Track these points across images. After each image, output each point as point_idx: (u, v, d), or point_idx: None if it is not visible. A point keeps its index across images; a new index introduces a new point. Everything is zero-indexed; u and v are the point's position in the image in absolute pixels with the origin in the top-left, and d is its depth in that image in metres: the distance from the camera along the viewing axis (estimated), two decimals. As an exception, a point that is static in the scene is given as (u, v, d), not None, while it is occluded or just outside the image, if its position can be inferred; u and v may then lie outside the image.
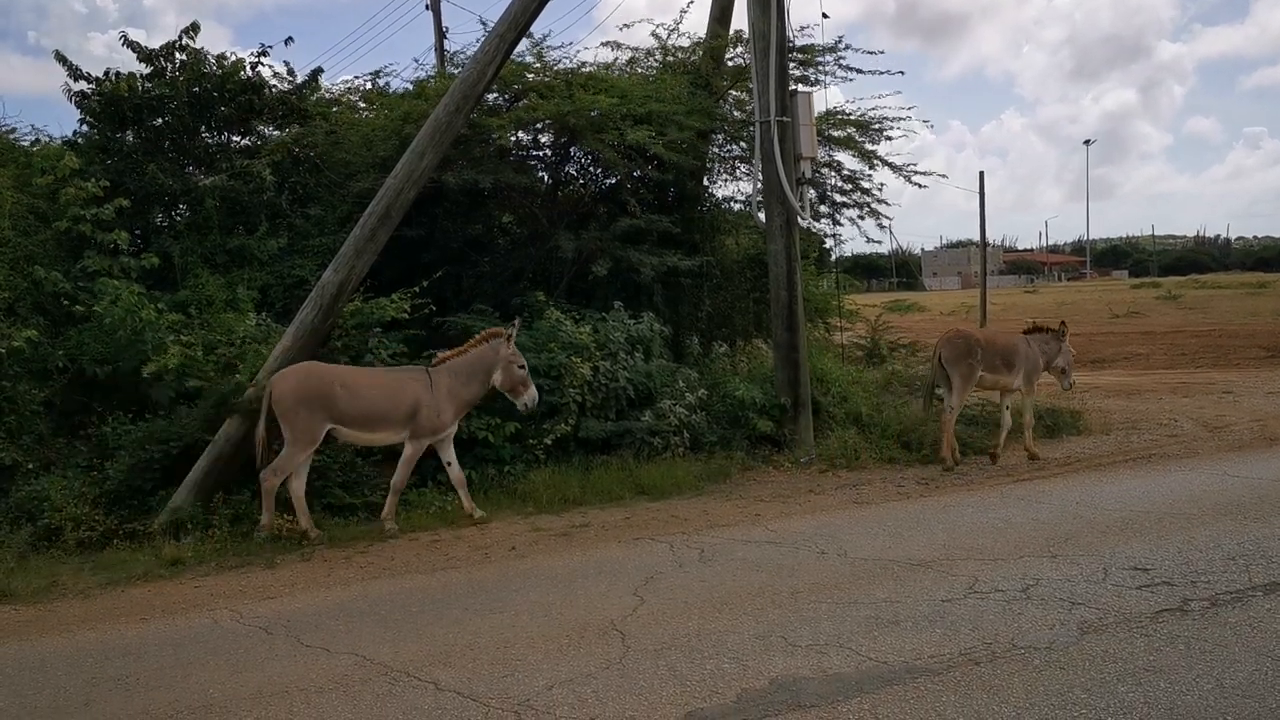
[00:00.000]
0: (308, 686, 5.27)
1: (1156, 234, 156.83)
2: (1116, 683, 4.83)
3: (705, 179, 14.47)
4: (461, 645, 5.81)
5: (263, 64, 12.28)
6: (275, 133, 12.87)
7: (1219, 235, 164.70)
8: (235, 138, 12.82)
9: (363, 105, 14.44)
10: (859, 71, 14.08)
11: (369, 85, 14.83)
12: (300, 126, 12.64)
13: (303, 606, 6.82)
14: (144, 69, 11.88)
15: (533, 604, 6.58)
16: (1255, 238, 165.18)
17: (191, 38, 11.87)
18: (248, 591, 7.23)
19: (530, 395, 9.27)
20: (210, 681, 5.43)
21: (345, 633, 6.17)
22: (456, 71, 12.90)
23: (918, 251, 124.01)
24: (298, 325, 9.32)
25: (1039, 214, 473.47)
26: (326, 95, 14.12)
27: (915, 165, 15.14)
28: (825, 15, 18.29)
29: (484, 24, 13.14)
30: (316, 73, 12.94)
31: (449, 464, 9.22)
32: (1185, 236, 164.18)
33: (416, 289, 10.28)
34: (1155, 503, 8.82)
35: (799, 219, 11.78)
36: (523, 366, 9.31)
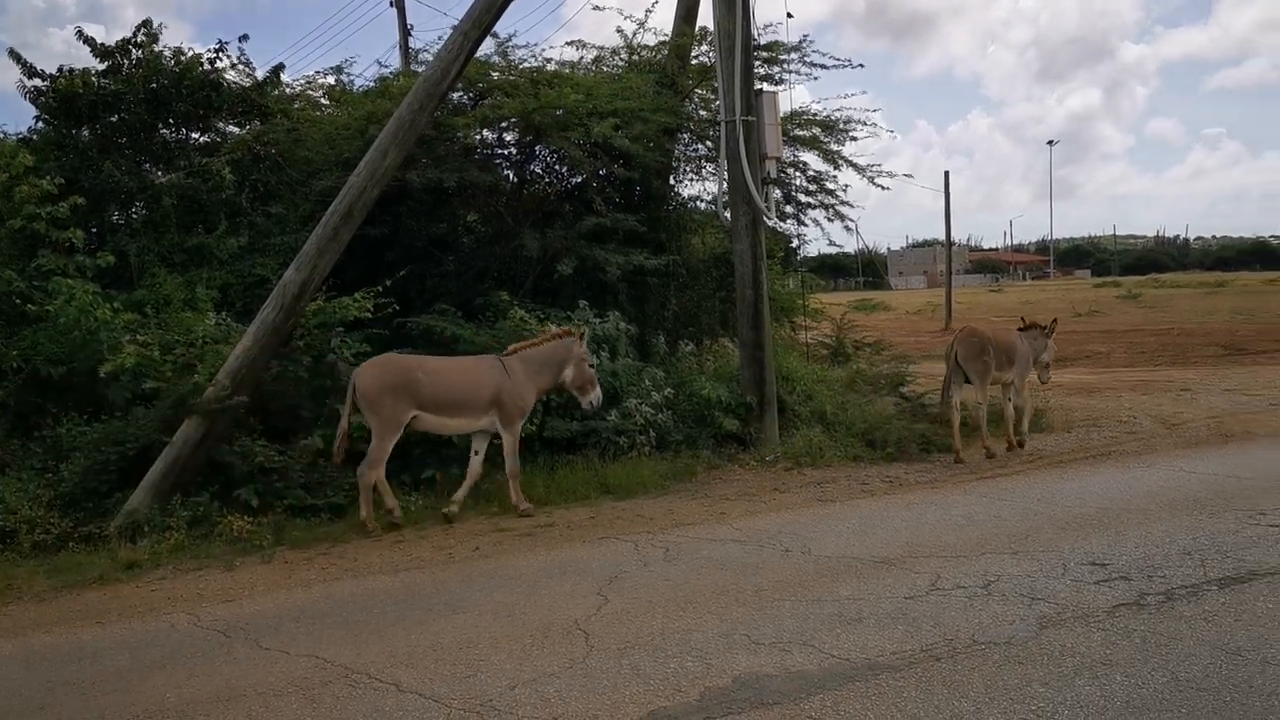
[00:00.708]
0: (266, 690, 5.19)
1: (1118, 234, 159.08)
2: (1074, 676, 4.86)
3: (671, 178, 14.45)
4: (424, 646, 5.76)
5: (221, 59, 12.14)
6: (235, 129, 12.72)
7: (1178, 235, 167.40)
8: (194, 135, 12.67)
9: (325, 102, 14.31)
10: (823, 68, 14.11)
11: (332, 82, 14.72)
12: (261, 123, 12.50)
13: (262, 609, 6.73)
14: (100, 65, 11.71)
15: (496, 604, 6.53)
16: (1213, 238, 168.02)
17: (148, 34, 11.71)
18: (206, 594, 7.13)
19: (596, 394, 9.64)
20: (167, 685, 5.34)
21: (305, 635, 6.09)
22: (421, 69, 12.80)
23: (884, 251, 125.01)
24: (259, 325, 9.21)
25: (1004, 214, 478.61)
26: (288, 92, 13.97)
27: (880, 166, 15.40)
28: (790, 15, 18.25)
29: (445, 18, 13.02)
30: (278, 69, 12.80)
31: (475, 453, 9.35)
32: (1146, 236, 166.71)
33: (380, 288, 10.19)
34: (1114, 499, 8.89)
35: (764, 218, 11.78)
36: (593, 366, 9.68)
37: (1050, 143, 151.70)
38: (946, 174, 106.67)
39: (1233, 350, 25.00)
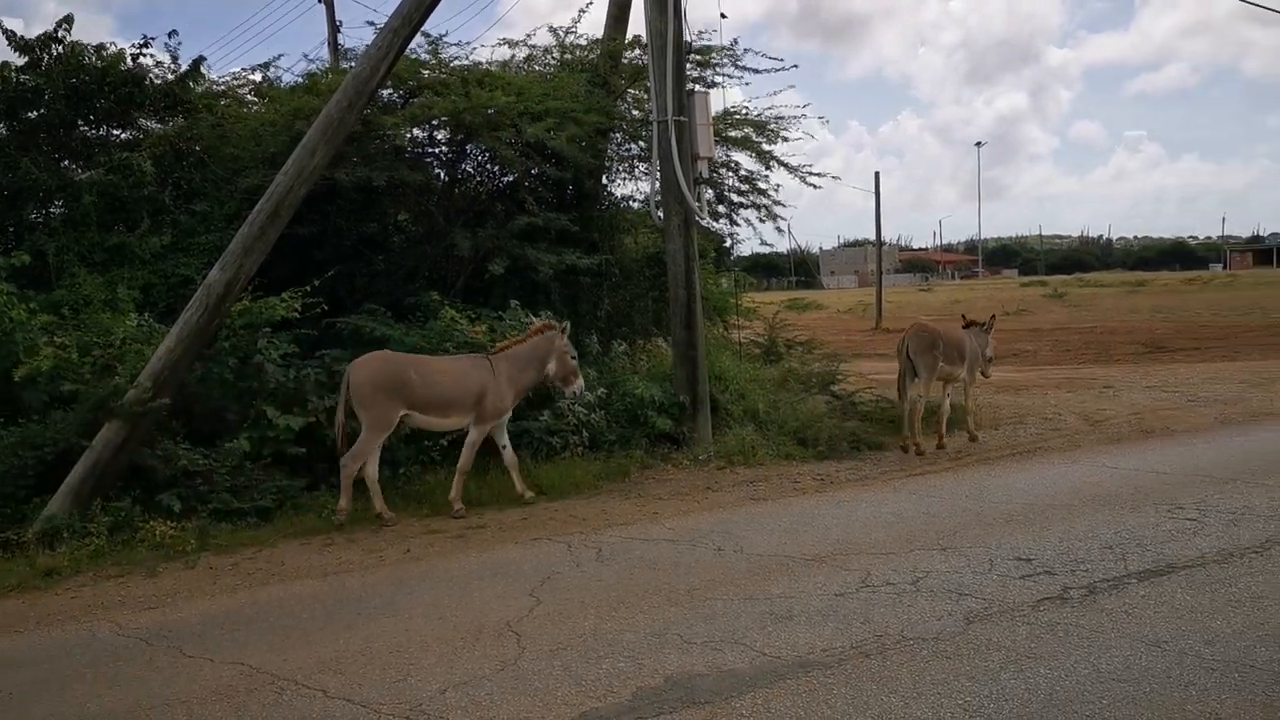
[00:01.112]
0: (190, 698, 5.09)
1: (1044, 234, 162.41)
2: (999, 670, 4.94)
3: (604, 177, 14.41)
4: (352, 651, 5.68)
5: (145, 55, 11.87)
6: (158, 126, 12.43)
7: (1102, 236, 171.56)
8: (115, 131, 12.36)
9: (252, 99, 14.04)
10: (755, 72, 14.20)
11: (259, 78, 14.45)
12: (184, 120, 12.23)
13: (186, 616, 6.59)
14: (19, 60, 11.38)
15: (427, 607, 6.47)
16: (1135, 238, 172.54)
17: (68, 29, 11.41)
18: (128, 602, 6.96)
19: (579, 385, 9.94)
20: (88, 695, 5.21)
21: (230, 642, 5.98)
22: (350, 66, 12.63)
23: (816, 250, 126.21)
24: (182, 326, 9.01)
25: (934, 213, 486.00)
26: (214, 88, 13.69)
27: (811, 166, 15.41)
28: (724, 15, 18.25)
29: (371, 25, 12.82)
30: (198, 61, 12.48)
31: (504, 447, 9.63)
32: (1071, 236, 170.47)
33: (308, 288, 10.04)
34: (1039, 495, 9.07)
35: (697, 218, 11.82)
36: (575, 357, 9.91)
37: (978, 144, 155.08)
38: (877, 174, 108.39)
39: (1153, 348, 25.68)
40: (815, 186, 17.89)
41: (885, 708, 4.58)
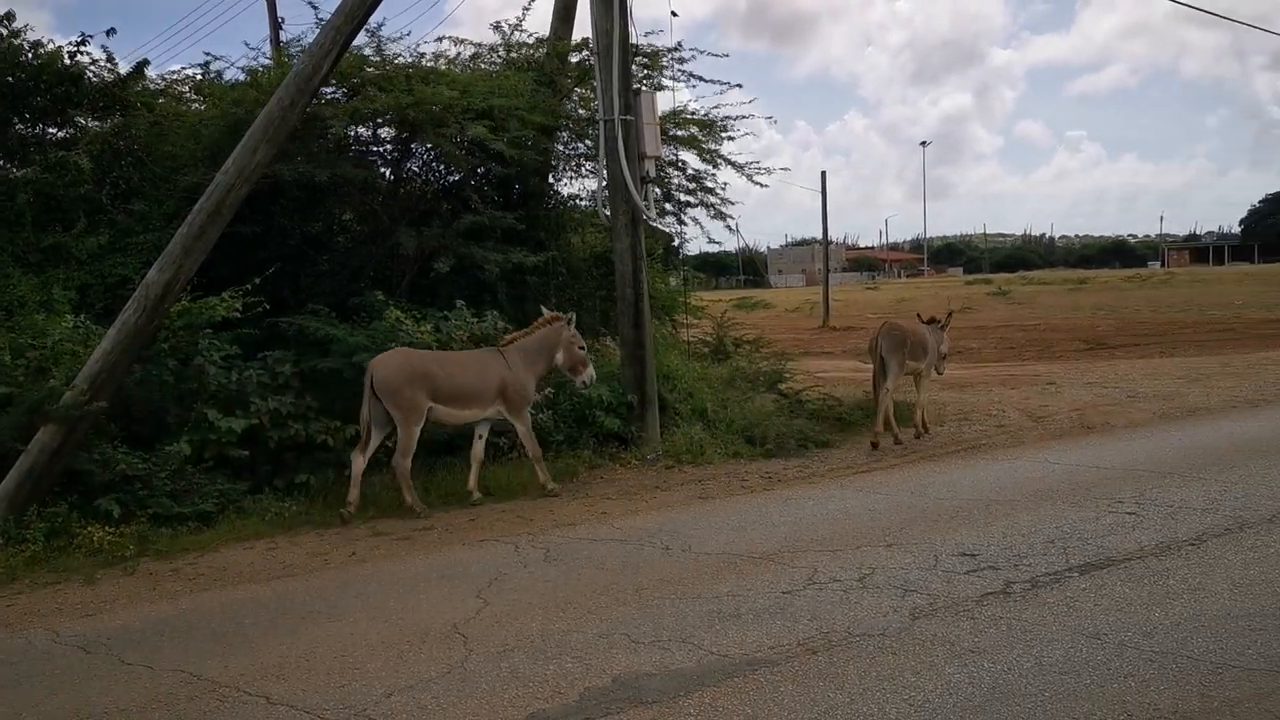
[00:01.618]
0: (129, 706, 4.99)
1: (988, 232, 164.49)
2: (944, 665, 4.99)
3: (551, 176, 14.38)
4: (296, 656, 5.60)
5: (82, 53, 11.62)
6: (96, 124, 12.18)
7: (1044, 234, 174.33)
8: (51, 129, 12.10)
9: (192, 96, 13.80)
10: (700, 79, 14.29)
11: (199, 75, 14.20)
12: (123, 117, 12.00)
13: (125, 623, 6.47)
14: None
15: (373, 610, 6.40)
16: (1076, 236, 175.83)
17: (7, 25, 11.15)
18: (65, 609, 6.81)
19: (589, 374, 10.29)
20: (24, 705, 5.10)
21: (171, 649, 5.87)
22: (293, 62, 12.46)
23: (764, 249, 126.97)
24: (119, 327, 8.83)
25: (880, 212, 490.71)
26: (153, 86, 13.43)
27: (759, 164, 15.36)
28: (674, 14, 18.17)
29: (315, 11, 12.59)
30: (142, 64, 12.27)
31: (480, 438, 9.81)
32: (1014, 235, 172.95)
33: (249, 287, 9.89)
34: (983, 491, 9.18)
35: (644, 217, 11.82)
36: (583, 348, 10.28)
37: (923, 143, 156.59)
38: (823, 174, 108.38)
39: (1095, 345, 26.11)
40: (762, 185, 17.94)
41: (831, 704, 4.61)
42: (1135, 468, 9.85)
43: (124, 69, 12.17)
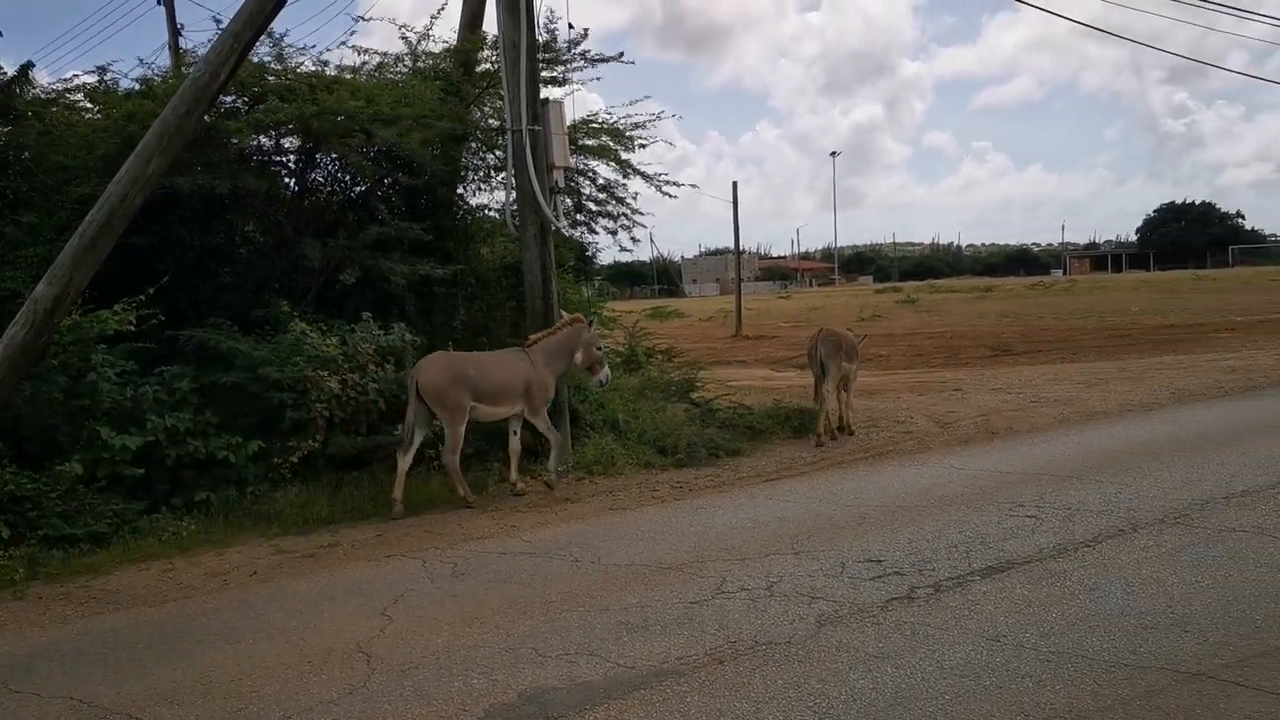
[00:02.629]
0: (10, 739, 4.79)
1: (897, 241, 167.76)
2: (849, 671, 5.03)
3: (459, 186, 14.22)
4: (191, 680, 5.44)
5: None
6: (-20, 133, 11.71)
7: (951, 243, 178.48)
8: (-65, 140, 11.59)
9: (85, 105, 13.35)
10: (603, 60, 14.22)
11: (94, 83, 13.75)
12: (10, 126, 11.56)
13: (13, 649, 6.24)
14: None
15: (273, 631, 6.25)
16: (983, 245, 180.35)
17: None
18: (-54, 637, 6.53)
19: (605, 373, 10.98)
20: (-106, 742, 4.86)
21: (61, 675, 5.67)
22: (191, 70, 12.14)
23: (678, 259, 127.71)
24: (7, 343, 8.50)
25: (792, 222, 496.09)
26: (44, 94, 12.96)
27: (668, 175, 15.50)
28: (571, 26, 18.18)
29: (217, 22, 12.31)
30: (26, 67, 11.80)
31: (514, 433, 10.43)
32: (923, 243, 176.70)
33: (141, 298, 9.59)
34: (889, 497, 9.30)
35: (554, 227, 11.77)
36: (600, 348, 10.98)
37: (833, 154, 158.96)
38: (735, 184, 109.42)
39: (999, 351, 26.67)
40: (672, 196, 17.89)
41: (737, 713, 4.61)
42: (1036, 471, 10.07)
43: (9, 74, 11.73)
